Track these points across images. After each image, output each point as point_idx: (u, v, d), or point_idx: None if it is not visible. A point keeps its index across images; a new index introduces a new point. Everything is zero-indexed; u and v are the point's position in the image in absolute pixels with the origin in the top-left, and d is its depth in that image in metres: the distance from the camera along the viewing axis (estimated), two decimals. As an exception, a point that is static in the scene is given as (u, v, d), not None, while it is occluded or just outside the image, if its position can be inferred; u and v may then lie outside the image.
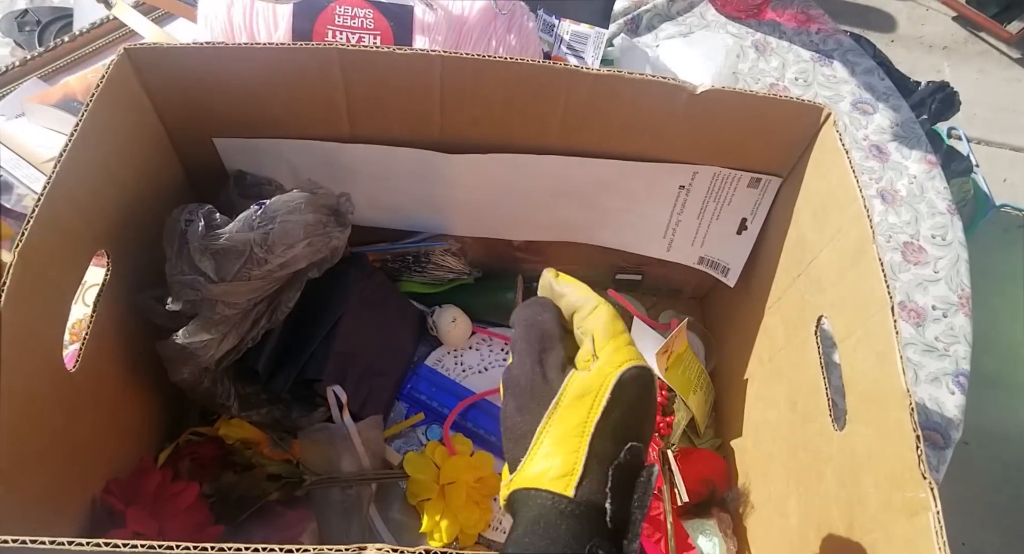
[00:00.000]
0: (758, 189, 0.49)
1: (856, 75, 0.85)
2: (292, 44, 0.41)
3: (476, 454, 0.51)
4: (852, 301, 0.38)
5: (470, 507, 0.48)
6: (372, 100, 0.45)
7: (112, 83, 0.39)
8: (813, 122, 0.44)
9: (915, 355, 0.64)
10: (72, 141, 0.36)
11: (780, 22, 0.90)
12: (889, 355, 0.33)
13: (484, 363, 0.58)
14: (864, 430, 0.35)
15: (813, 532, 0.39)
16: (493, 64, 0.42)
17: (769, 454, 0.47)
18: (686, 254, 0.55)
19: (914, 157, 0.78)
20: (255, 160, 0.48)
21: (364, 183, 0.50)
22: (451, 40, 0.55)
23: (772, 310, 0.49)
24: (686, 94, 0.43)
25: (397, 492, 0.50)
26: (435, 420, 0.54)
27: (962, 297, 0.68)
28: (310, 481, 0.46)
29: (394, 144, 0.47)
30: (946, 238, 0.72)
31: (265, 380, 0.47)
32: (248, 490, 0.44)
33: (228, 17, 0.54)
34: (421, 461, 0.49)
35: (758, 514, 0.47)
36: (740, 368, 0.53)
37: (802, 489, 0.41)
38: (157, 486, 0.42)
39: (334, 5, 0.54)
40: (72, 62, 0.65)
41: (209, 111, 0.45)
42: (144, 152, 0.44)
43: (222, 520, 0.43)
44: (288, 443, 0.48)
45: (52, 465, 0.35)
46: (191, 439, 0.47)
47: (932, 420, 0.60)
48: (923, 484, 0.29)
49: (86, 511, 0.39)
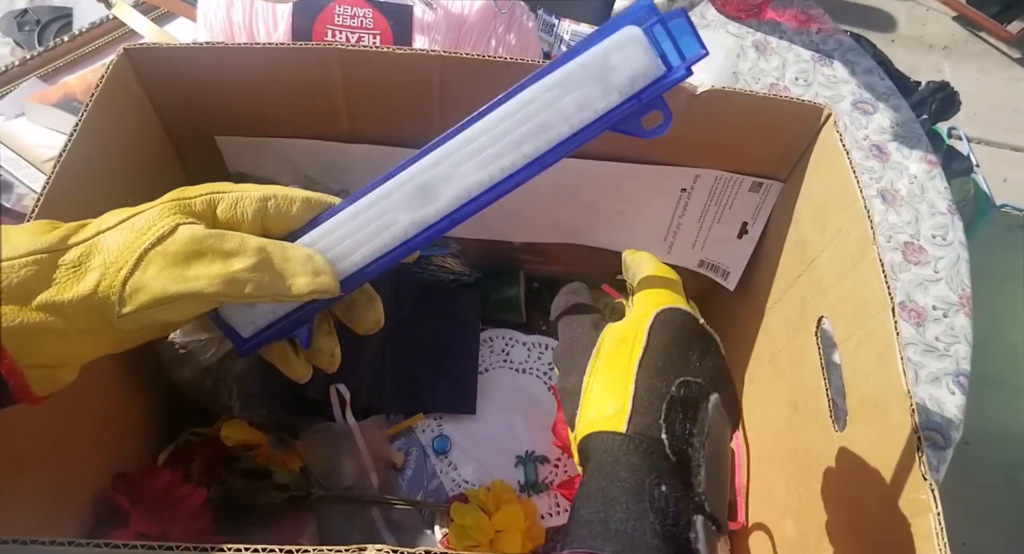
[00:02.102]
0: (759, 193, 0.49)
1: (856, 75, 0.85)
2: (291, 44, 0.41)
3: (524, 501, 0.49)
4: (853, 302, 0.38)
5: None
6: (371, 100, 0.45)
7: (112, 83, 0.39)
8: (813, 122, 0.43)
9: (915, 355, 0.64)
10: (72, 141, 0.36)
11: (780, 22, 0.90)
12: (890, 356, 0.33)
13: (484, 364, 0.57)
14: (865, 431, 0.35)
15: (813, 533, 0.39)
16: (493, 64, 0.42)
17: (769, 455, 0.47)
18: (686, 257, 0.55)
19: (914, 157, 0.78)
20: (257, 159, 0.48)
21: (364, 183, 0.50)
22: (450, 40, 0.55)
23: (772, 311, 0.49)
24: (686, 94, 0.43)
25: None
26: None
27: (962, 297, 0.68)
28: (317, 495, 0.46)
29: (393, 144, 0.47)
30: (947, 238, 0.72)
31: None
32: (254, 498, 0.44)
33: (227, 17, 0.54)
34: (469, 509, 0.47)
35: (758, 515, 0.47)
36: (740, 369, 0.53)
37: (802, 490, 0.41)
38: (165, 486, 0.42)
39: (333, 5, 0.54)
40: (72, 62, 0.65)
41: (208, 111, 0.45)
42: (144, 152, 0.44)
43: (224, 525, 0.43)
44: (290, 444, 0.48)
45: (52, 465, 0.35)
46: (190, 440, 0.47)
47: (932, 420, 0.60)
48: (924, 485, 0.29)
49: (87, 510, 0.39)
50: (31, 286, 0.24)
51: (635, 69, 0.26)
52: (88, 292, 0.25)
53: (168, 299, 0.25)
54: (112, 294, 0.25)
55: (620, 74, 0.26)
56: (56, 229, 0.26)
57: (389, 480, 0.50)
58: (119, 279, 0.25)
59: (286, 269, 0.27)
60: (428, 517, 0.49)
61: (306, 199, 0.29)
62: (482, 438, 0.53)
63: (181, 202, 0.27)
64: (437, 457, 0.52)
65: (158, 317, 0.26)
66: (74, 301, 0.24)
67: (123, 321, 0.25)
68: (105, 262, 0.25)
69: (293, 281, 0.27)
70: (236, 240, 0.27)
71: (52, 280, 0.24)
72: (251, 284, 0.26)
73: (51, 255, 0.25)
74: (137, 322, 0.26)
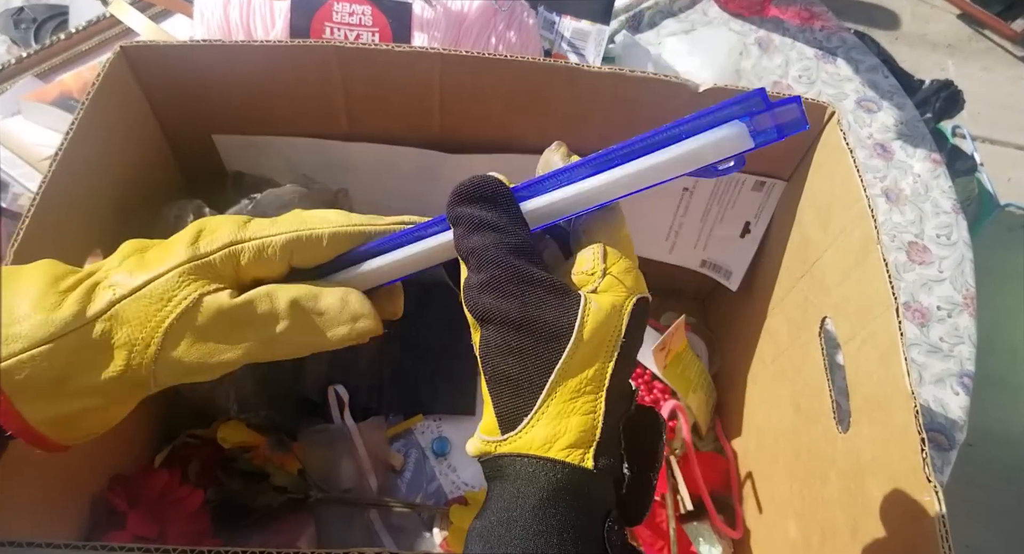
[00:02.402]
0: (762, 192, 0.48)
1: (860, 73, 0.85)
2: (289, 42, 0.41)
3: None
4: (856, 302, 0.37)
5: None
6: (371, 98, 0.44)
7: (108, 81, 0.39)
8: (817, 120, 0.43)
9: (919, 356, 0.63)
10: (68, 139, 0.36)
11: (783, 19, 0.89)
12: (894, 356, 0.33)
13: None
14: (868, 432, 0.35)
15: (816, 535, 0.38)
16: (493, 62, 0.41)
17: (772, 456, 0.47)
18: (688, 257, 0.55)
19: (919, 156, 0.78)
20: (254, 158, 0.48)
21: (364, 182, 0.50)
22: (450, 37, 0.55)
23: (775, 311, 0.48)
24: (688, 92, 0.42)
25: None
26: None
27: (967, 297, 0.67)
28: (315, 498, 0.45)
29: (393, 142, 0.47)
30: (951, 238, 0.71)
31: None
32: (252, 500, 0.44)
33: (225, 14, 0.54)
34: (469, 511, 0.47)
35: (760, 517, 0.47)
36: (743, 369, 0.52)
37: (805, 492, 0.41)
38: (163, 487, 0.42)
39: (332, 2, 0.53)
40: (68, 60, 0.65)
41: (206, 109, 0.44)
42: (141, 151, 0.44)
43: (222, 526, 0.43)
44: (288, 445, 0.48)
45: (49, 467, 0.35)
46: (188, 442, 0.46)
47: (936, 421, 0.60)
48: (928, 487, 0.29)
49: (84, 512, 0.38)
50: (61, 373, 0.23)
51: (727, 151, 0.24)
52: (120, 371, 0.24)
53: (204, 370, 0.25)
54: (144, 371, 0.24)
55: (711, 156, 0.24)
56: (64, 291, 0.24)
57: (388, 482, 0.50)
58: (148, 357, 0.24)
59: (322, 322, 0.25)
60: (427, 519, 0.48)
61: (333, 235, 0.26)
62: (482, 439, 0.53)
63: (199, 264, 0.25)
64: (436, 459, 0.52)
65: (193, 378, 0.26)
66: (107, 381, 0.24)
67: (157, 386, 0.25)
68: (131, 338, 0.24)
69: (332, 333, 0.26)
70: (265, 303, 0.25)
71: (80, 363, 0.24)
72: (289, 346, 0.25)
73: (70, 337, 0.23)
74: (170, 380, 0.26)
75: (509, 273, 0.22)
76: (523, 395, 0.22)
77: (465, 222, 0.23)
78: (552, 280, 0.22)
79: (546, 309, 0.22)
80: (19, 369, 0.22)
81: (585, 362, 0.22)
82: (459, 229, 0.24)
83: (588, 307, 0.22)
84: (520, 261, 0.22)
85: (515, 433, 0.22)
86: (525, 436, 0.22)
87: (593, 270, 0.23)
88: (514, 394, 0.22)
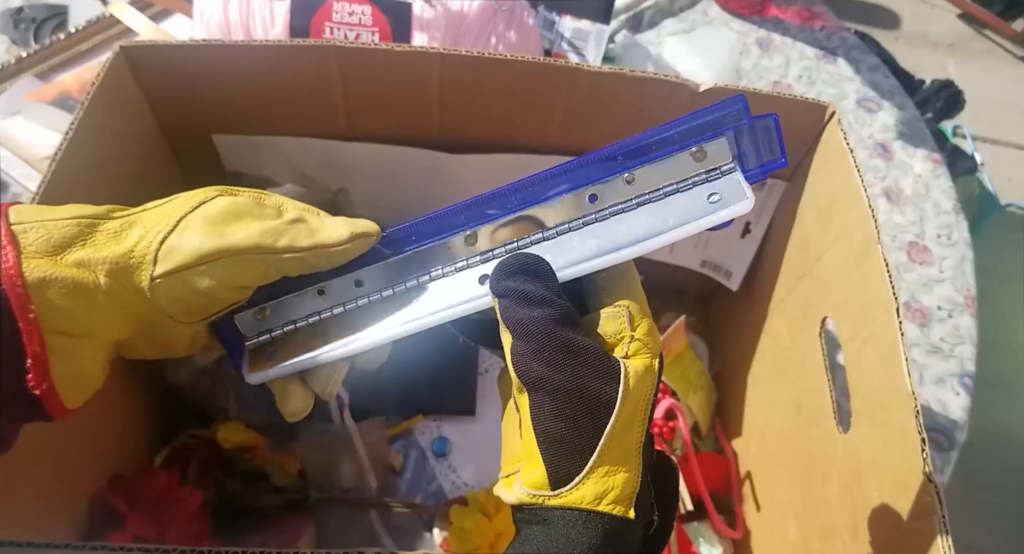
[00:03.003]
0: (763, 192, 0.48)
1: (861, 73, 0.85)
2: (289, 41, 0.41)
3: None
4: (857, 302, 0.37)
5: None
6: (370, 98, 0.44)
7: (108, 81, 0.39)
8: (817, 120, 0.43)
9: (920, 356, 0.63)
10: (68, 139, 0.35)
11: (784, 19, 0.89)
12: (894, 357, 0.33)
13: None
14: (869, 433, 0.35)
15: (816, 535, 0.38)
16: (493, 61, 0.41)
17: (772, 457, 0.46)
18: (689, 257, 0.55)
19: (919, 155, 0.78)
20: (254, 158, 0.48)
21: (364, 182, 0.50)
22: (450, 37, 0.55)
23: (776, 311, 0.48)
24: (689, 92, 0.42)
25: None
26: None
27: (967, 297, 0.67)
28: (315, 498, 0.45)
29: (393, 142, 0.47)
30: (951, 238, 0.71)
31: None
32: (252, 500, 0.44)
33: (224, 14, 0.54)
34: (469, 511, 0.47)
35: (761, 517, 0.47)
36: (744, 370, 0.52)
37: (806, 492, 0.40)
38: (163, 488, 0.42)
39: (332, 1, 0.53)
40: (68, 60, 0.65)
41: (205, 109, 0.44)
42: (140, 151, 0.44)
43: (221, 527, 0.43)
44: (288, 446, 0.48)
45: (48, 467, 0.35)
46: (187, 442, 0.46)
47: (937, 422, 0.60)
48: (929, 488, 0.29)
49: (83, 513, 0.38)
50: (68, 243, 0.24)
51: (732, 215, 0.26)
52: (124, 251, 0.25)
53: (203, 257, 0.25)
54: (148, 253, 0.25)
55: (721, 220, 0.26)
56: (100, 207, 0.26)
57: (388, 482, 0.50)
58: (156, 239, 0.25)
59: (324, 222, 0.27)
60: (427, 520, 0.48)
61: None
62: (482, 440, 0.53)
63: (227, 188, 0.27)
64: (436, 459, 0.52)
65: (192, 284, 0.25)
66: (109, 259, 0.24)
67: (156, 288, 0.25)
68: (145, 227, 0.25)
69: (332, 231, 0.27)
70: (275, 200, 0.27)
71: (90, 240, 0.25)
72: (287, 235, 0.26)
73: (93, 221, 0.25)
74: (170, 293, 0.25)
75: (557, 343, 0.24)
76: (574, 457, 0.24)
77: (512, 294, 0.25)
78: (595, 348, 0.25)
79: (594, 379, 0.24)
80: (35, 229, 0.24)
81: (627, 424, 0.24)
82: (505, 301, 0.25)
83: (628, 374, 0.24)
84: (565, 331, 0.24)
85: (567, 489, 0.24)
86: (576, 492, 0.24)
87: (621, 334, 0.25)
88: (565, 455, 0.24)
